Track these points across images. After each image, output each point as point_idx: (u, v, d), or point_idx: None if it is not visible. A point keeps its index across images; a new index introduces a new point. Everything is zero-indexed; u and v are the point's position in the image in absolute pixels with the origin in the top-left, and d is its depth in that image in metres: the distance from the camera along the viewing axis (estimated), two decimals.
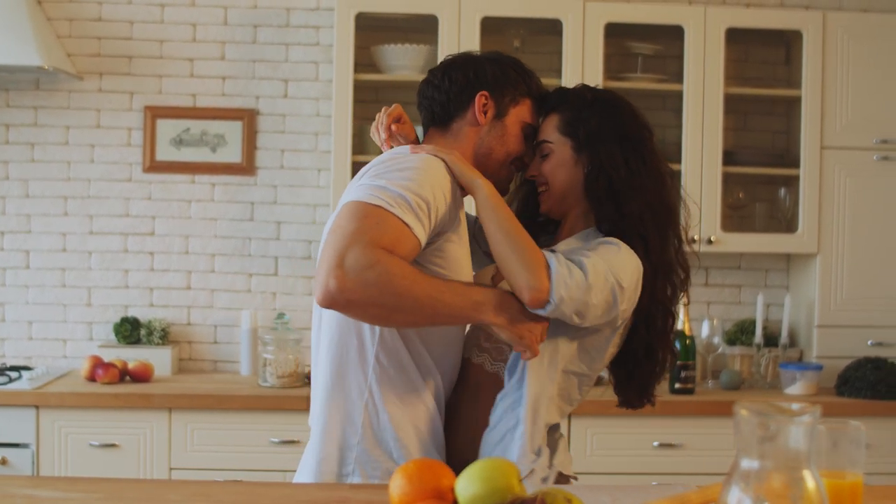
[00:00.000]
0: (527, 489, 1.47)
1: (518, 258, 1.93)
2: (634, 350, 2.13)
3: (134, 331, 4.29)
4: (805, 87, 4.21)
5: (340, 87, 4.08)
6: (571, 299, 1.92)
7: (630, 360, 2.15)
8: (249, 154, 4.39)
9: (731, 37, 4.22)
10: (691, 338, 4.10)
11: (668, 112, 4.31)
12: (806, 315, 4.34)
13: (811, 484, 1.24)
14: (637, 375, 2.16)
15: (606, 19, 4.13)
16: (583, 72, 4.08)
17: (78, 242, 4.37)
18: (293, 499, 1.76)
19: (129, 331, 4.28)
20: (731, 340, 4.41)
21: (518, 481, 1.45)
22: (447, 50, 4.01)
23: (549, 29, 4.23)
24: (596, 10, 4.13)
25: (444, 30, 4.08)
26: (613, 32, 4.18)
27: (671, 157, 3.94)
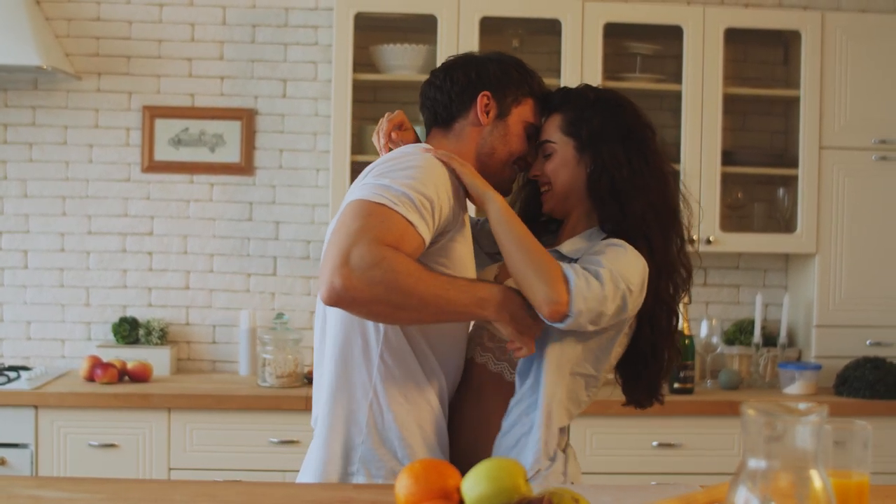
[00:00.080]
0: (533, 489, 1.47)
1: (535, 272, 1.91)
2: (641, 350, 2.13)
3: (132, 331, 4.29)
4: (804, 88, 4.22)
5: (339, 87, 4.08)
6: (589, 310, 1.91)
7: (639, 361, 2.14)
8: (248, 154, 4.39)
9: (730, 37, 4.23)
10: (690, 338, 4.10)
11: (667, 112, 4.32)
12: (804, 315, 4.34)
13: (818, 483, 1.24)
14: (645, 375, 2.16)
15: (605, 19, 4.14)
16: (581, 72, 4.08)
17: (76, 242, 4.36)
18: (297, 499, 1.75)
19: (128, 331, 4.27)
20: (730, 340, 4.41)
21: (524, 481, 1.45)
22: (446, 50, 4.01)
23: (548, 29, 4.24)
24: (595, 10, 4.13)
25: (443, 30, 4.08)
26: (612, 32, 4.18)
27: (670, 157, 3.92)
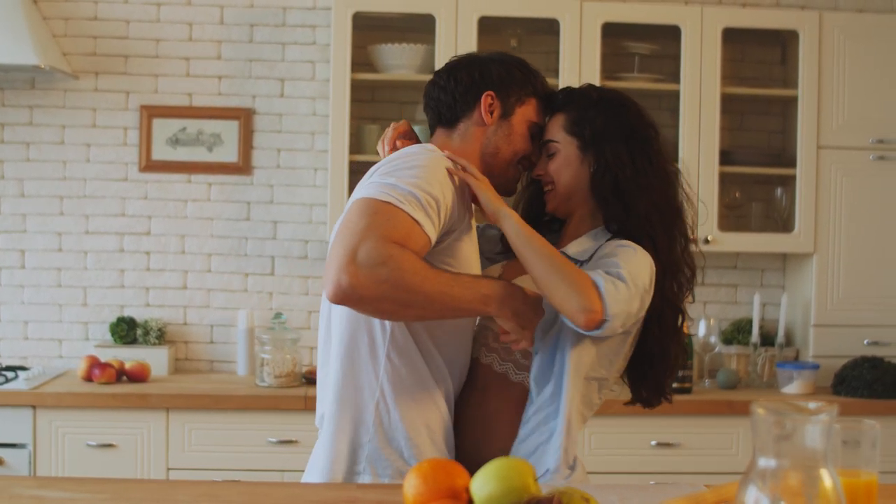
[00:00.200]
0: (542, 489, 1.47)
1: (565, 283, 1.89)
2: (649, 350, 2.13)
3: (130, 331, 4.28)
4: (801, 87, 4.22)
5: (337, 87, 4.07)
6: (622, 313, 1.91)
7: (646, 361, 2.14)
8: (246, 153, 4.38)
9: (728, 37, 4.23)
10: (689, 337, 4.10)
11: (665, 112, 4.32)
12: (802, 314, 4.35)
13: (828, 482, 1.24)
14: (652, 375, 2.16)
15: (603, 19, 4.14)
16: (580, 72, 4.08)
17: (74, 242, 4.35)
18: (302, 499, 1.75)
19: (125, 331, 4.26)
20: (728, 340, 4.42)
21: (534, 480, 1.45)
22: (444, 49, 4.01)
23: (546, 29, 4.23)
24: (593, 10, 4.13)
25: (442, 29, 4.07)
26: (610, 32, 4.19)
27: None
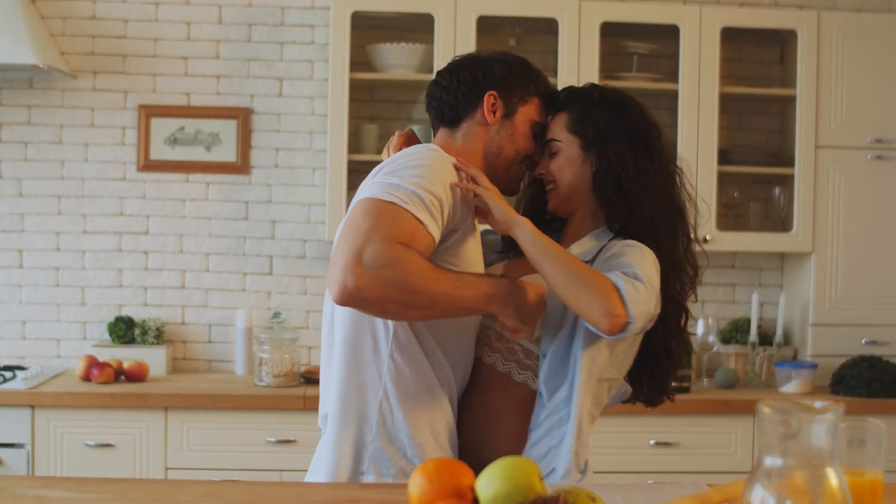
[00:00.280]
0: (548, 489, 1.46)
1: (587, 289, 1.88)
2: (654, 349, 2.13)
3: (128, 330, 4.27)
4: (800, 87, 4.22)
5: (336, 86, 4.07)
6: (643, 314, 1.91)
7: (651, 360, 2.14)
8: (244, 153, 4.38)
9: (726, 36, 4.23)
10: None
11: (664, 111, 4.31)
12: (800, 313, 4.35)
13: (834, 481, 1.24)
14: (657, 374, 2.17)
15: (602, 18, 4.14)
16: (578, 71, 4.08)
17: (72, 241, 4.34)
18: (304, 498, 1.75)
19: (124, 330, 4.26)
20: (726, 339, 4.42)
21: (539, 479, 1.45)
22: (443, 49, 4.01)
23: (545, 28, 4.23)
24: (591, 10, 4.13)
25: (440, 29, 4.07)
26: (609, 32, 4.19)
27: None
